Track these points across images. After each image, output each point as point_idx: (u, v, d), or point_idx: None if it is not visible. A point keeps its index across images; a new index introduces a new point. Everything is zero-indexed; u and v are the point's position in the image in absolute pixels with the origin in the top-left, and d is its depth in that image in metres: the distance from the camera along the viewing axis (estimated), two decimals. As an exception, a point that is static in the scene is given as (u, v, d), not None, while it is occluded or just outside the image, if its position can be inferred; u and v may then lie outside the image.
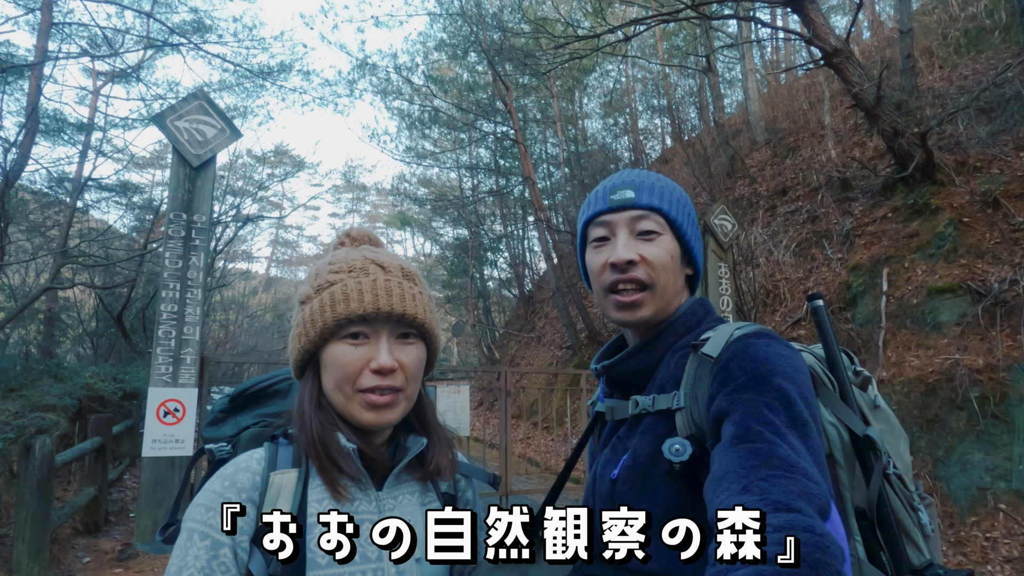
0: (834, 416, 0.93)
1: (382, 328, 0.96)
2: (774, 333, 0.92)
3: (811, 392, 0.84)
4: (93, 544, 5.54)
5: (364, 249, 1.05)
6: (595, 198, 1.07)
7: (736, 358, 0.85)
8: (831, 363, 1.00)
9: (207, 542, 0.85)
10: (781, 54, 19.94)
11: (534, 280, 22.67)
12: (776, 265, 9.19)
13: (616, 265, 1.00)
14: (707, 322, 1.03)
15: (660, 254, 1.00)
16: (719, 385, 0.84)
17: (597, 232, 1.05)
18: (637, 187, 1.03)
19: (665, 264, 1.01)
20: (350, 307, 0.94)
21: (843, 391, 0.97)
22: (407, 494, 1.03)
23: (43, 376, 7.18)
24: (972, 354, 5.58)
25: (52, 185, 12.31)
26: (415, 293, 0.99)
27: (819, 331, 1.03)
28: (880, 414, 1.03)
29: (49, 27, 10.15)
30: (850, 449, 0.93)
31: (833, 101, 11.42)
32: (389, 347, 0.95)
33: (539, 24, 13.20)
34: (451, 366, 18.25)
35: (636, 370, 1.03)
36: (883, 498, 0.90)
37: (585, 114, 21.64)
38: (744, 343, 0.88)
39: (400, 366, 0.96)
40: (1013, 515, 4.74)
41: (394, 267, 1.01)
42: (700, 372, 0.90)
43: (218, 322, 20.32)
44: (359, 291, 0.95)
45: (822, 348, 1.02)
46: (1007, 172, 6.82)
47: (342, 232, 1.13)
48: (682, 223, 1.03)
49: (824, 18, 7.36)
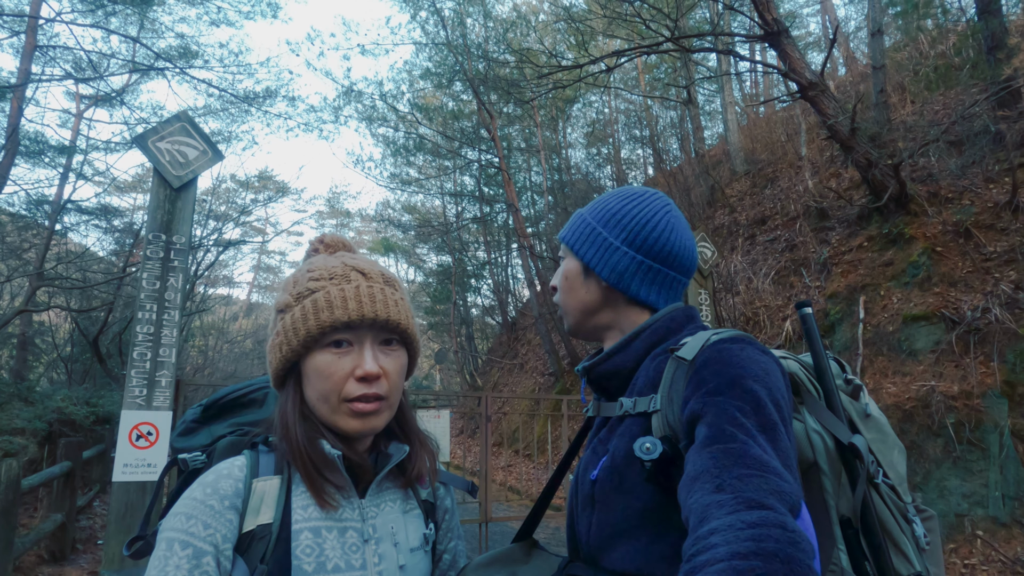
0: (819, 424, 0.94)
1: (366, 335, 0.95)
2: (752, 338, 0.93)
3: (783, 395, 0.84)
4: (59, 572, 5.37)
5: (343, 255, 1.04)
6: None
7: (710, 362, 0.86)
8: (818, 370, 1.01)
9: (188, 551, 0.83)
10: (760, 87, 20.44)
11: (517, 307, 22.68)
12: (756, 292, 9.30)
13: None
14: (688, 328, 1.03)
15: (560, 277, 1.15)
16: (693, 388, 0.85)
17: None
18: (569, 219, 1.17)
19: (562, 284, 1.14)
20: (334, 314, 0.93)
21: (829, 399, 0.97)
22: (389, 501, 1.02)
23: (13, 399, 7.01)
24: (947, 381, 5.66)
25: (31, 207, 12.15)
26: (397, 299, 0.99)
27: (807, 338, 1.04)
28: (872, 423, 1.04)
29: (33, 50, 10.14)
30: (835, 457, 0.93)
31: (810, 133, 11.70)
32: (373, 353, 0.95)
33: (523, 54, 13.43)
34: (432, 392, 18.12)
35: (614, 370, 1.04)
36: (868, 506, 0.90)
37: (569, 143, 21.92)
38: (719, 347, 0.88)
39: (384, 373, 0.95)
40: (990, 541, 4.76)
41: (375, 273, 1.00)
42: (676, 375, 0.90)
43: (197, 348, 20.01)
44: (343, 298, 0.94)
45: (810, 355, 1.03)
46: (977, 203, 7.00)
47: (315, 239, 1.11)
48: (573, 242, 1.12)
49: (800, 53, 7.57)
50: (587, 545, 0.96)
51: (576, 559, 1.01)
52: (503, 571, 1.04)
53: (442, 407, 8.79)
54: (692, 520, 0.67)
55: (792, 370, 0.99)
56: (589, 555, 0.96)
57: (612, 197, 1.11)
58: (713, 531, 0.62)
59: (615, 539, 0.90)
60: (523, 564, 1.07)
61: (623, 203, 1.09)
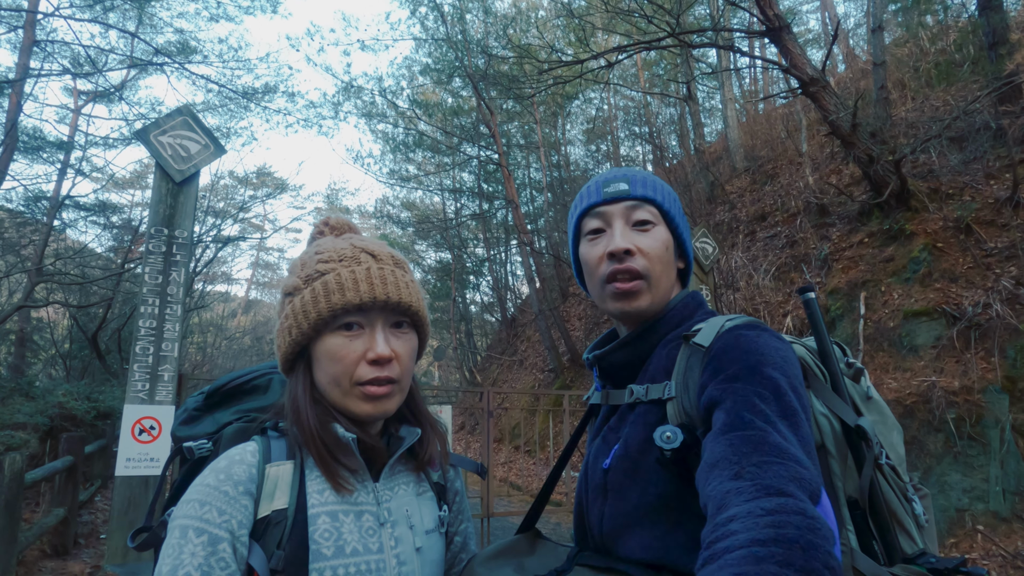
0: (825, 407, 0.94)
1: (377, 317, 0.94)
2: (765, 325, 0.93)
3: (801, 382, 0.84)
4: (61, 567, 5.37)
5: (351, 237, 1.02)
6: (588, 192, 1.08)
7: (727, 348, 0.86)
8: (823, 354, 1.01)
9: (203, 538, 0.81)
10: (760, 84, 20.42)
11: (516, 304, 22.67)
12: (756, 289, 9.30)
13: (614, 255, 1.00)
14: (699, 314, 1.03)
15: (655, 245, 1.01)
16: (710, 375, 0.85)
17: (592, 224, 1.05)
18: (630, 180, 1.04)
19: (660, 255, 1.01)
20: (346, 296, 0.92)
21: (835, 382, 0.98)
22: (402, 484, 1.02)
23: (14, 394, 7.01)
24: (948, 376, 5.66)
25: (29, 203, 12.13)
26: (407, 281, 0.98)
27: (811, 323, 1.04)
28: (873, 405, 1.04)
29: (32, 45, 10.11)
30: (842, 439, 0.93)
31: (810, 130, 11.69)
32: (385, 336, 0.94)
33: (523, 51, 13.40)
34: (433, 388, 18.12)
35: (627, 360, 1.03)
36: (875, 488, 0.91)
37: (568, 140, 21.91)
38: (735, 334, 0.89)
39: (395, 356, 0.94)
40: (991, 536, 4.77)
41: (384, 255, 0.99)
42: (691, 362, 0.90)
43: (196, 344, 20.00)
44: (354, 280, 0.93)
45: (814, 340, 1.03)
46: (978, 199, 7.01)
47: (320, 221, 1.09)
48: (675, 215, 1.05)
49: (801, 49, 7.56)
50: (599, 534, 0.96)
51: (586, 548, 1.00)
52: (510, 563, 1.04)
53: (443, 403, 8.80)
54: (711, 507, 0.67)
55: (800, 355, 0.99)
56: (602, 543, 0.96)
57: (657, 177, 1.10)
58: (732, 518, 0.61)
59: (630, 527, 0.90)
60: (529, 555, 1.06)
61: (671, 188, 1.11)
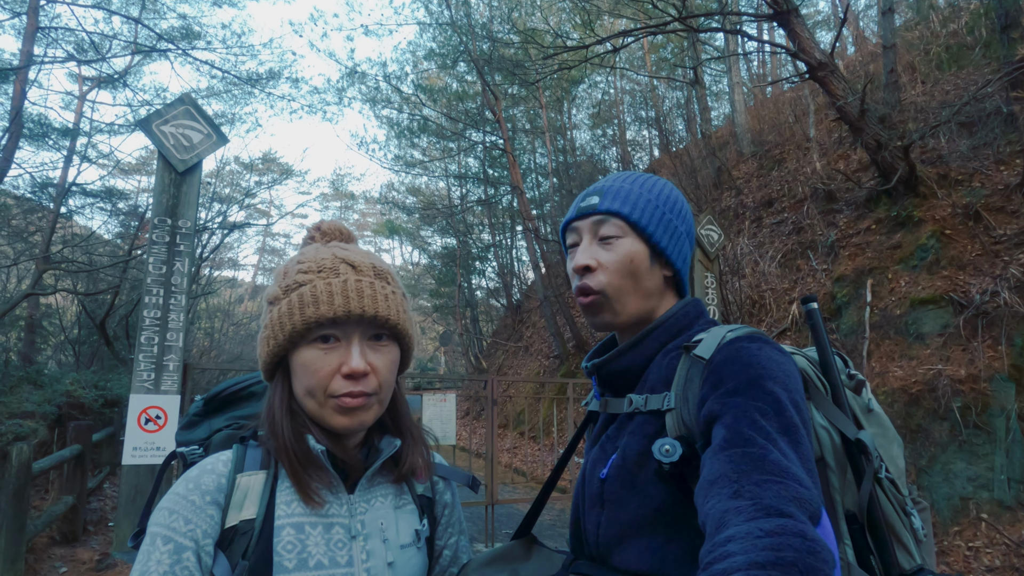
0: (826, 419, 0.93)
1: (353, 330, 0.92)
2: (767, 336, 0.92)
3: (802, 397, 0.83)
4: (70, 554, 5.44)
5: (334, 246, 1.00)
6: (572, 206, 1.09)
7: (728, 361, 0.85)
8: (824, 366, 0.99)
9: (170, 546, 0.83)
10: (767, 68, 20.19)
11: (522, 290, 22.66)
12: (762, 275, 9.26)
13: (576, 271, 1.03)
14: (699, 324, 1.02)
15: (615, 259, 1.01)
16: (710, 388, 0.84)
17: (570, 239, 1.08)
18: (603, 192, 1.04)
19: (620, 268, 1.00)
20: (319, 310, 0.90)
21: (835, 394, 0.96)
22: (380, 497, 1.00)
23: (22, 383, 7.07)
24: (954, 364, 5.64)
25: (35, 190, 12.16)
26: (387, 293, 0.95)
27: (813, 334, 1.02)
28: (874, 418, 1.03)
29: (35, 31, 10.07)
30: (841, 453, 0.92)
31: (818, 114, 11.57)
32: (361, 350, 0.92)
33: (528, 35, 13.28)
34: (438, 375, 18.19)
35: (626, 368, 1.02)
36: (873, 502, 0.90)
37: (574, 125, 21.76)
38: (737, 346, 0.87)
39: (373, 369, 0.92)
40: (995, 524, 4.77)
41: (365, 266, 0.97)
42: (691, 374, 0.89)
43: (203, 330, 20.10)
44: (328, 292, 0.91)
45: (815, 351, 1.02)
46: (988, 185, 6.93)
47: (312, 226, 1.08)
48: (647, 224, 1.02)
49: (809, 32, 7.46)
50: (595, 543, 0.95)
51: (581, 557, 1.00)
52: (504, 569, 1.04)
53: (448, 389, 8.82)
54: (709, 526, 0.66)
55: (801, 366, 0.98)
56: (597, 553, 0.95)
57: (658, 182, 1.08)
58: (730, 538, 0.60)
59: (626, 538, 0.90)
60: (524, 562, 1.06)
61: (672, 191, 1.08)
